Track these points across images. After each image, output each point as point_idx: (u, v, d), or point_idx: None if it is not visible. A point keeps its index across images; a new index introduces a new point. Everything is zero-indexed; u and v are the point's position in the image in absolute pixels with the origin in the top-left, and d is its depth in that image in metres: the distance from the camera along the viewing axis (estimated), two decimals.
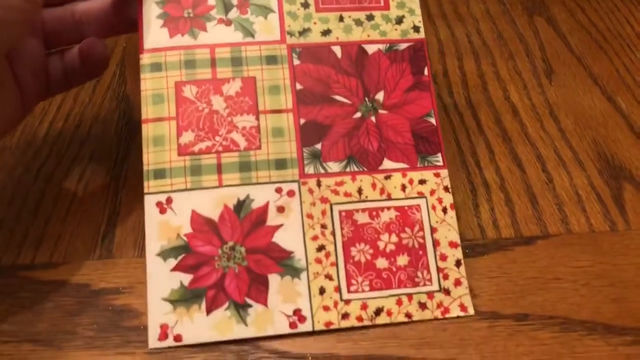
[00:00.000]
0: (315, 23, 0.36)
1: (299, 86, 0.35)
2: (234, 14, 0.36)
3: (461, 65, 0.48)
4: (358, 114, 0.35)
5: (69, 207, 0.38)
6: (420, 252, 0.33)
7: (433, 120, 0.35)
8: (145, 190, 0.33)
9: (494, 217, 0.37)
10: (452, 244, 0.33)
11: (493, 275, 0.34)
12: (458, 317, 0.32)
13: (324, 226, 0.33)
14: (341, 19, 0.36)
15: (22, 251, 0.36)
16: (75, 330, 0.32)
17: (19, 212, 0.38)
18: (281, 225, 0.33)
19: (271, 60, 0.35)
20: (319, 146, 0.34)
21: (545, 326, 0.32)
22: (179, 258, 0.32)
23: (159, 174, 0.33)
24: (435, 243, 0.33)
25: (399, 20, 0.36)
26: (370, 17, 0.37)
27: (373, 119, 0.35)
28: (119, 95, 0.46)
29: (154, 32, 0.35)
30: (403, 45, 0.36)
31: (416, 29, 0.36)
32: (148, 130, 0.34)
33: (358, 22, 0.36)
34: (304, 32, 0.36)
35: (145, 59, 0.35)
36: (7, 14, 0.29)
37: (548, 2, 0.55)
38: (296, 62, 0.35)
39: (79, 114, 0.44)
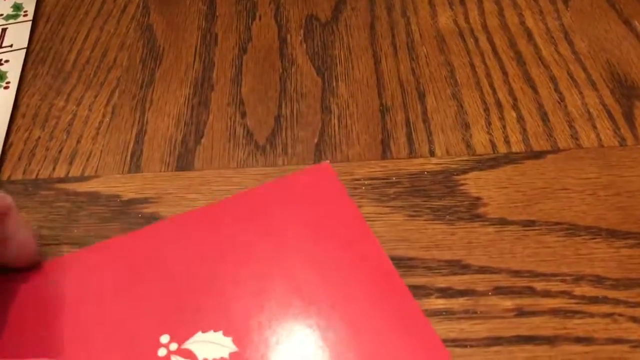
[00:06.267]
0: None
1: None
2: None
3: None
4: None
5: (99, 128, 0.40)
6: None
7: None
8: None
9: (505, 134, 0.38)
10: None
11: (503, 186, 0.36)
12: (467, 223, 0.34)
13: None
14: None
15: (57, 166, 0.38)
16: (108, 235, 0.34)
17: (52, 131, 0.40)
18: None
19: None
20: None
21: (551, 231, 0.33)
22: None
23: None
24: None
25: None
26: None
27: None
28: (142, 25, 0.47)
29: None
30: None
31: None
32: None
33: None
34: None
35: None
36: None
37: None
38: None
39: (105, 43, 0.46)
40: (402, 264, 0.32)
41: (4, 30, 0.47)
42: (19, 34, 0.46)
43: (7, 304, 0.31)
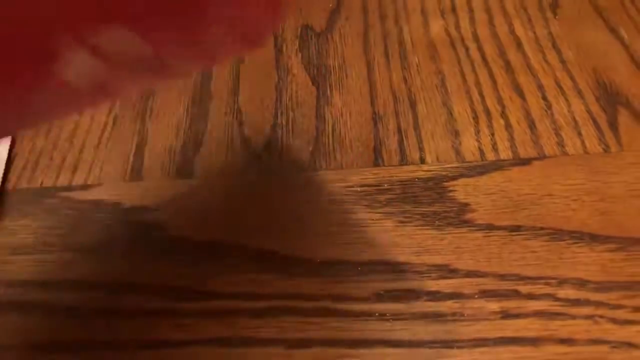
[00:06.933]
0: None
1: None
2: None
3: (469, 1, 0.50)
4: None
5: (101, 137, 0.41)
6: None
7: None
8: None
9: (493, 141, 0.40)
10: None
11: (490, 192, 0.37)
12: (455, 228, 0.35)
13: None
14: None
15: (60, 175, 0.39)
16: (111, 241, 0.36)
17: (55, 141, 0.41)
18: None
19: None
20: None
21: (537, 236, 0.35)
22: None
23: None
24: None
25: None
26: None
27: None
28: None
29: None
30: None
31: None
32: None
33: None
34: None
35: None
36: None
37: None
38: None
39: None
40: (394, 268, 0.34)
41: None
42: None
43: None
